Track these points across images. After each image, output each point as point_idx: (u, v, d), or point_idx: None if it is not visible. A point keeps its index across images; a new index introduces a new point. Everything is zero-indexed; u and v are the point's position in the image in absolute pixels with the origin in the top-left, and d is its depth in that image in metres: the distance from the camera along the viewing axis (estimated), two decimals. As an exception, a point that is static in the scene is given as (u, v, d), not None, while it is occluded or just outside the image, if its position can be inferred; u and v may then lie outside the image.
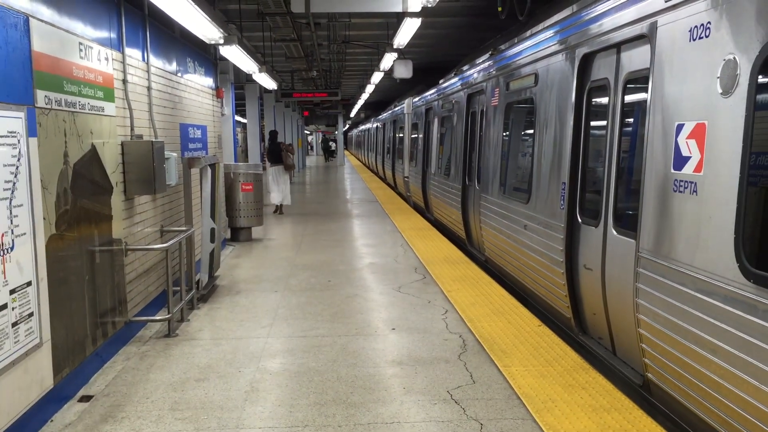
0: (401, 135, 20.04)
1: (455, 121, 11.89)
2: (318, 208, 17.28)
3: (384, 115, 27.48)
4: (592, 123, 5.99)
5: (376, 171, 31.54)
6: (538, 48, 7.27)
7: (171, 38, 7.95)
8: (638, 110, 5.09)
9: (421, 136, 16.05)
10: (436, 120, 14.13)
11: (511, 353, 5.51)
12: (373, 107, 41.32)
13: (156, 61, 7.22)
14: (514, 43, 8.59)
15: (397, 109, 22.44)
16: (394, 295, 7.61)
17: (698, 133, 4.00)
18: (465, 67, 11.82)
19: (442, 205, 12.89)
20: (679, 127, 4.20)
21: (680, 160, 4.18)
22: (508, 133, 8.60)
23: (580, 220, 6.04)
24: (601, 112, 5.73)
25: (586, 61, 5.95)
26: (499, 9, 9.64)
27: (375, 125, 32.01)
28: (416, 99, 17.35)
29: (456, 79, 12.16)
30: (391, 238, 11.71)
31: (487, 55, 10.18)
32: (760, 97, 3.56)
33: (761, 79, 3.54)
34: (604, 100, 5.61)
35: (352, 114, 49.70)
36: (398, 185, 21.48)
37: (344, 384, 4.93)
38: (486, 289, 7.71)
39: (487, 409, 4.45)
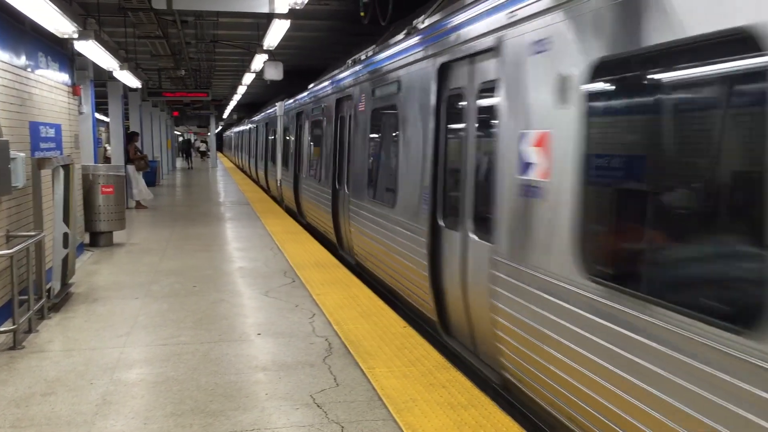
0: (273, 138, 19.80)
1: (325, 125, 11.81)
2: (187, 211, 16.76)
3: (256, 118, 26.86)
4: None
5: (249, 174, 30.88)
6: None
7: (20, 31, 7.45)
8: None
9: (293, 139, 15.97)
10: (307, 123, 13.99)
11: (376, 355, 5.55)
12: (247, 109, 40.67)
13: (2, 55, 6.73)
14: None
15: (269, 111, 22.11)
16: (262, 299, 7.49)
17: None
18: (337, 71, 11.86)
19: (314, 209, 12.82)
20: None
21: None
22: (377, 137, 8.62)
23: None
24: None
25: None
26: (362, 14, 9.74)
27: (248, 127, 31.24)
28: (289, 101, 17.19)
29: (326, 83, 12.11)
30: (262, 241, 11.53)
31: (350, 61, 10.45)
32: None
33: None
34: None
35: (225, 115, 48.70)
36: (271, 189, 21.03)
37: (204, 392, 4.78)
38: (355, 292, 7.74)
39: (349, 411, 4.46)
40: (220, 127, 63.42)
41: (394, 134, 7.57)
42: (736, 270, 2.87)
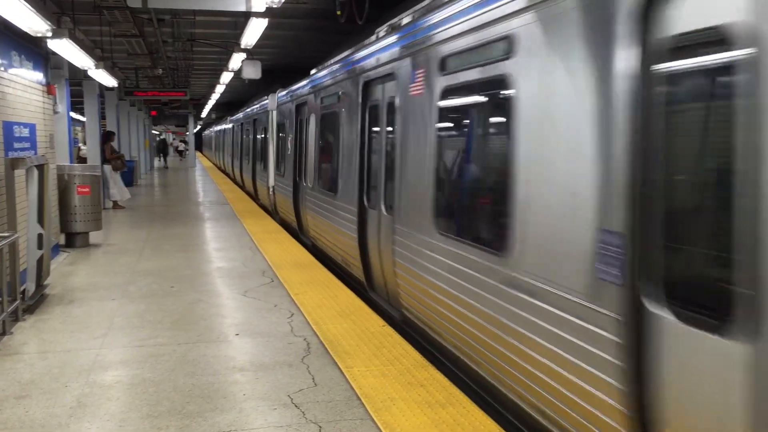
0: (263, 137, 17.48)
1: (342, 118, 9.02)
2: (165, 211, 16.64)
3: (240, 115, 25.04)
4: None
5: (233, 177, 29.33)
6: None
7: (-8, 29, 7.36)
8: None
9: (291, 137, 13.14)
10: (312, 117, 11.14)
11: (354, 354, 5.54)
12: (227, 108, 40.37)
13: (-27, 53, 6.64)
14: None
15: (258, 105, 19.59)
16: (240, 299, 7.46)
17: None
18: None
19: (327, 231, 9.91)
20: None
21: None
22: (453, 136, 5.62)
23: None
24: None
25: None
26: (338, 13, 9.71)
27: (230, 126, 29.64)
28: (284, 92, 14.70)
29: (343, 63, 9.17)
30: (241, 241, 11.47)
31: (387, 26, 7.72)
32: None
33: None
34: None
35: (204, 114, 48.39)
36: (260, 197, 18.33)
37: (181, 394, 4.75)
38: (334, 292, 7.73)
39: (327, 411, 4.45)
40: (199, 126, 62.99)
41: (494, 130, 4.93)
42: None
